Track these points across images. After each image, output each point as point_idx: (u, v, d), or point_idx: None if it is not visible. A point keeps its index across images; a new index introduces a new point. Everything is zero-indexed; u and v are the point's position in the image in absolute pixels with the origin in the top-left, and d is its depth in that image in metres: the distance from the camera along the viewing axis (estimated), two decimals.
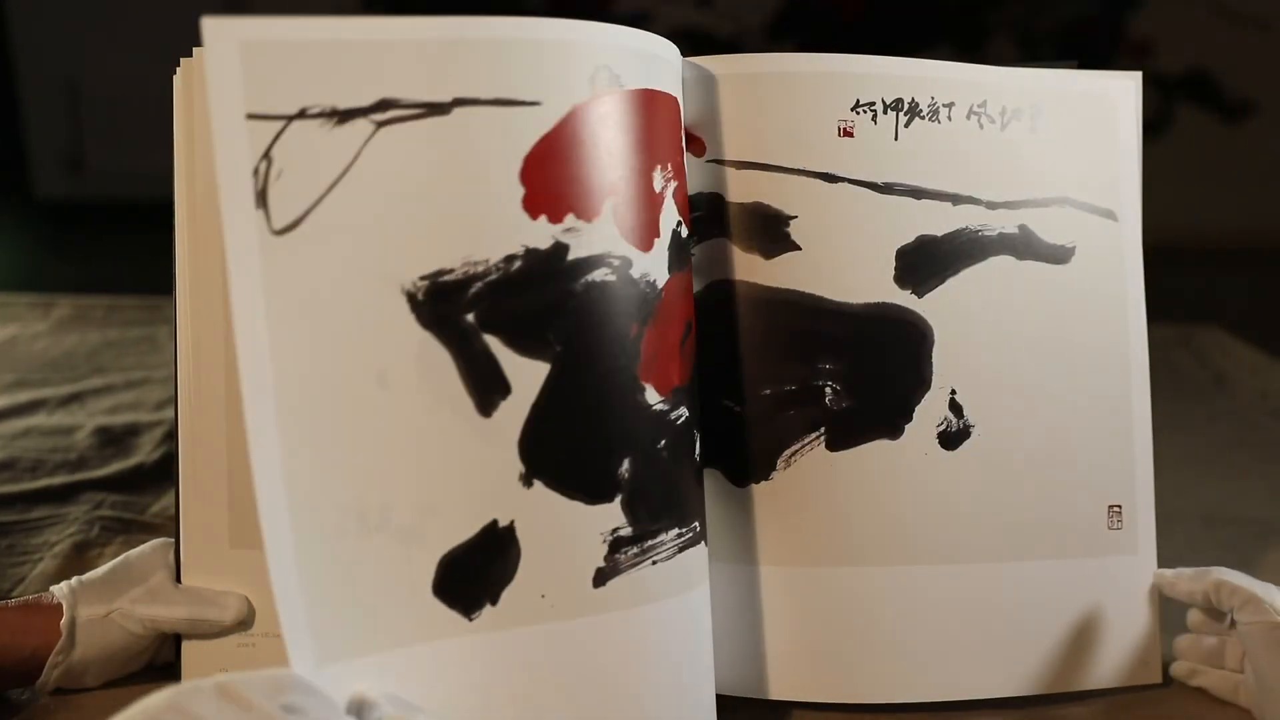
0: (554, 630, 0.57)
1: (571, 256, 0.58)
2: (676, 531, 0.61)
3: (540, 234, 0.57)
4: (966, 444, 0.68)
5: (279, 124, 0.53)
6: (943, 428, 0.68)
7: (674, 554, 0.60)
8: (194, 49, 0.63)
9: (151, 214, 1.01)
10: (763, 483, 0.67)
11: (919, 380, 0.68)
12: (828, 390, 0.68)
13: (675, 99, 0.65)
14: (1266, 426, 1.24)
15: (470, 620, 0.56)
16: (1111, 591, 0.70)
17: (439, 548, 0.55)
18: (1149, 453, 0.71)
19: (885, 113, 0.68)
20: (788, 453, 0.67)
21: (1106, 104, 0.72)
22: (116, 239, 2.70)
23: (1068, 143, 0.71)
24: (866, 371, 0.68)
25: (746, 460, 0.68)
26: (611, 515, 0.58)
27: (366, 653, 0.53)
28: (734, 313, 0.68)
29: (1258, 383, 1.38)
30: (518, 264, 0.57)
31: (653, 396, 0.60)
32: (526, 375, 0.57)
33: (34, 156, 3.17)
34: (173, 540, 0.67)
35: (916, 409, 0.68)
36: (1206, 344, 1.52)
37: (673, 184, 0.63)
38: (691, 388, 0.64)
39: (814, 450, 0.67)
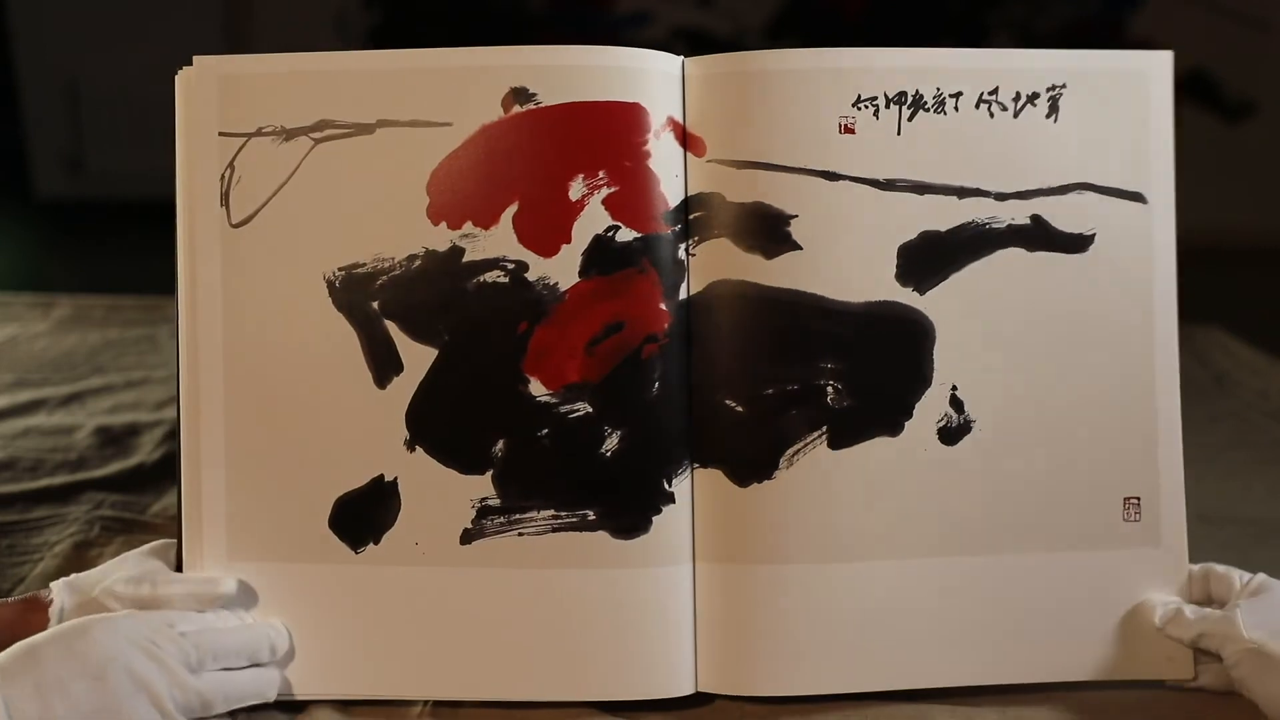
0: (423, 573, 0.67)
1: (466, 259, 0.67)
2: (552, 513, 0.67)
3: (440, 238, 0.67)
4: (966, 439, 0.68)
5: (241, 140, 0.68)
6: (943, 423, 0.68)
7: (545, 532, 0.67)
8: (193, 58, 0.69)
9: (151, 214, 1.01)
10: (765, 482, 0.67)
11: (920, 378, 0.68)
12: (829, 389, 0.68)
13: (628, 105, 0.66)
14: (1266, 426, 1.24)
15: (356, 553, 0.67)
16: (1130, 585, 0.69)
17: (336, 489, 0.67)
18: (1177, 445, 0.70)
19: (888, 107, 0.68)
20: (790, 452, 0.67)
21: (1138, 81, 0.70)
22: (116, 239, 2.70)
23: (1091, 124, 0.70)
24: (868, 370, 0.68)
25: (748, 460, 0.68)
26: (482, 486, 0.67)
27: (269, 559, 0.67)
28: (735, 313, 0.68)
29: (1258, 383, 1.38)
30: (418, 263, 0.67)
31: (538, 389, 0.67)
32: (418, 357, 0.67)
33: (34, 156, 3.17)
34: (173, 541, 0.67)
35: (917, 406, 0.68)
36: (1206, 344, 1.52)
37: (604, 191, 0.66)
38: (606, 388, 0.66)
39: (816, 449, 0.67)
